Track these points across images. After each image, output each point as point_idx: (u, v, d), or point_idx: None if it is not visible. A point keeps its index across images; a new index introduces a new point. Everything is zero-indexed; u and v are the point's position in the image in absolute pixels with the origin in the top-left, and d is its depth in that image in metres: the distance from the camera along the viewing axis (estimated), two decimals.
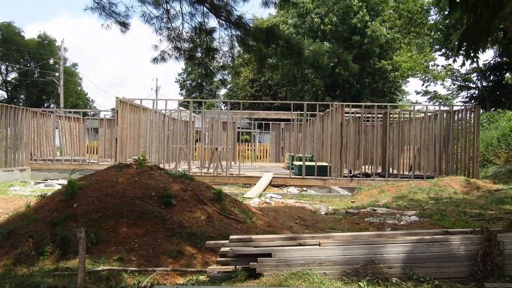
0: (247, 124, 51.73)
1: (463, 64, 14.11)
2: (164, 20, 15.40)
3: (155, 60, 15.76)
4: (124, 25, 15.06)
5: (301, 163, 23.14)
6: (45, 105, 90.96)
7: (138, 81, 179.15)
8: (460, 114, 22.87)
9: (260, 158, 44.98)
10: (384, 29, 52.85)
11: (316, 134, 30.74)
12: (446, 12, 13.97)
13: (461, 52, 15.05)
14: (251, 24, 14.42)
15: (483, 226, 8.44)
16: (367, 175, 23.52)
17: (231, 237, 7.38)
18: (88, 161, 28.62)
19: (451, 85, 50.91)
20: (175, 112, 31.23)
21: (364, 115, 26.51)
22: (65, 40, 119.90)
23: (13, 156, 25.79)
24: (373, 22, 52.92)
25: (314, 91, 55.05)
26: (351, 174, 23.18)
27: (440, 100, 50.20)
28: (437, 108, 27.05)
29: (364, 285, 6.39)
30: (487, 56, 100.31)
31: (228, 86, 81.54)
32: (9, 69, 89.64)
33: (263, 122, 46.24)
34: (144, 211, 8.85)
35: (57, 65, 78.02)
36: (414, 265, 6.76)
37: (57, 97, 73.85)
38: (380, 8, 54.78)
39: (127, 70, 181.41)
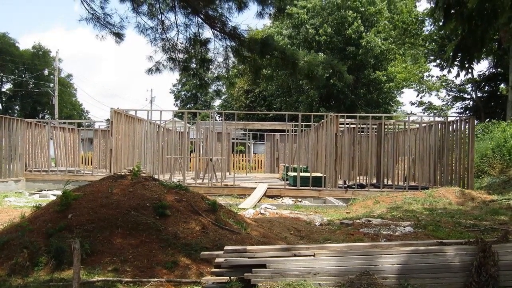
0: (242, 135, 51.80)
1: (458, 75, 14.14)
2: (159, 31, 15.42)
3: (149, 71, 15.74)
4: (119, 36, 15.07)
5: (295, 174, 23.16)
6: (40, 116, 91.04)
7: (132, 92, 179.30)
8: (454, 125, 22.90)
9: (255, 169, 45.03)
10: (379, 40, 52.95)
11: (311, 145, 30.78)
12: (441, 23, 14.01)
13: (455, 63, 15.07)
14: (245, 35, 14.44)
15: (478, 236, 8.44)
16: (361, 186, 23.53)
17: (225, 248, 7.37)
18: (82, 172, 28.64)
19: (445, 96, 51.19)
20: (170, 123, 31.24)
21: (359, 126, 26.57)
22: (60, 51, 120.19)
23: (8, 167, 25.76)
24: (368, 33, 53.01)
25: (309, 102, 55.15)
26: (346, 185, 23.19)
27: (435, 111, 50.38)
28: (431, 119, 27.15)
29: None
30: (482, 67, 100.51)
31: (223, 97, 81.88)
32: (3, 79, 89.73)
33: (258, 133, 46.24)
34: (139, 222, 8.85)
35: (51, 76, 78.07)
36: (409, 276, 6.76)
37: (52, 108, 73.87)
38: (375, 19, 54.92)
39: (121, 81, 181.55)
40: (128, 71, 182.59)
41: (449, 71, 20.06)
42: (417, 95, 50.97)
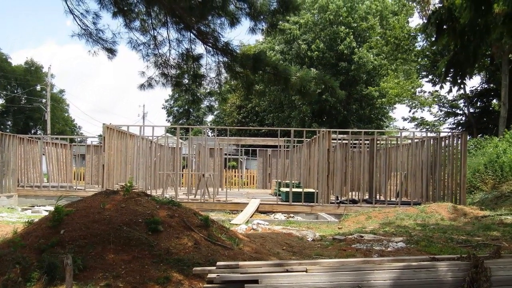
0: (234, 150, 51.86)
1: (450, 90, 14.23)
2: (151, 46, 15.46)
3: (142, 86, 15.77)
4: (111, 52, 15.11)
5: (288, 189, 23.12)
6: (32, 132, 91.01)
7: (125, 107, 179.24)
8: (447, 141, 22.92)
9: (247, 185, 44.98)
10: (371, 55, 53.15)
11: (303, 160, 30.77)
12: (433, 39, 14.09)
13: (448, 78, 15.14)
14: (238, 51, 14.48)
15: (470, 252, 8.45)
16: (354, 201, 23.51)
17: (218, 263, 7.37)
18: (75, 187, 28.55)
19: (438, 111, 51.24)
20: (162, 139, 31.24)
21: (351, 142, 26.60)
22: (52, 67, 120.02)
23: (0, 183, 25.65)
24: (360, 49, 53.24)
25: (301, 118, 55.24)
26: (338, 201, 23.14)
27: (427, 127, 50.45)
28: (424, 134, 27.13)
29: None
30: (474, 82, 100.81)
31: (215, 113, 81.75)
32: None
33: (250, 148, 46.27)
34: (131, 237, 8.84)
35: (44, 92, 78.08)
36: None
37: (44, 124, 73.80)
38: (367, 34, 55.15)
39: (114, 97, 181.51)
40: (120, 87, 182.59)
41: (441, 87, 20.01)
42: (410, 111, 51.00)
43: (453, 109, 50.25)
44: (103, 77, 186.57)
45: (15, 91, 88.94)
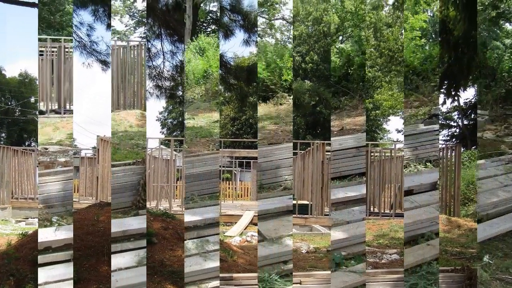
0: (228, 162, 51.78)
1: (444, 102, 14.22)
2: (145, 58, 15.46)
3: None
4: (105, 64, 15.10)
5: None
6: (26, 144, 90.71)
7: None
8: (441, 153, 22.92)
9: (241, 197, 44.82)
10: (365, 67, 53.07)
11: (297, 172, 30.72)
12: None
13: (442, 90, 15.16)
14: (232, 63, 14.48)
15: (464, 264, 8.45)
16: None
17: None
18: None
19: None
20: (156, 151, 31.20)
21: None
22: None
23: None
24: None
25: (295, 130, 55.08)
26: None
27: None
28: None
29: None
30: (468, 94, 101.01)
31: None
32: None
33: (244, 160, 46.12)
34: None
35: (38, 104, 77.95)
36: None
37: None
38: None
39: (108, 108, 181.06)
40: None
41: None
42: (404, 123, 51.05)
43: (447, 121, 50.25)
44: (97, 89, 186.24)
45: (9, 103, 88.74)
